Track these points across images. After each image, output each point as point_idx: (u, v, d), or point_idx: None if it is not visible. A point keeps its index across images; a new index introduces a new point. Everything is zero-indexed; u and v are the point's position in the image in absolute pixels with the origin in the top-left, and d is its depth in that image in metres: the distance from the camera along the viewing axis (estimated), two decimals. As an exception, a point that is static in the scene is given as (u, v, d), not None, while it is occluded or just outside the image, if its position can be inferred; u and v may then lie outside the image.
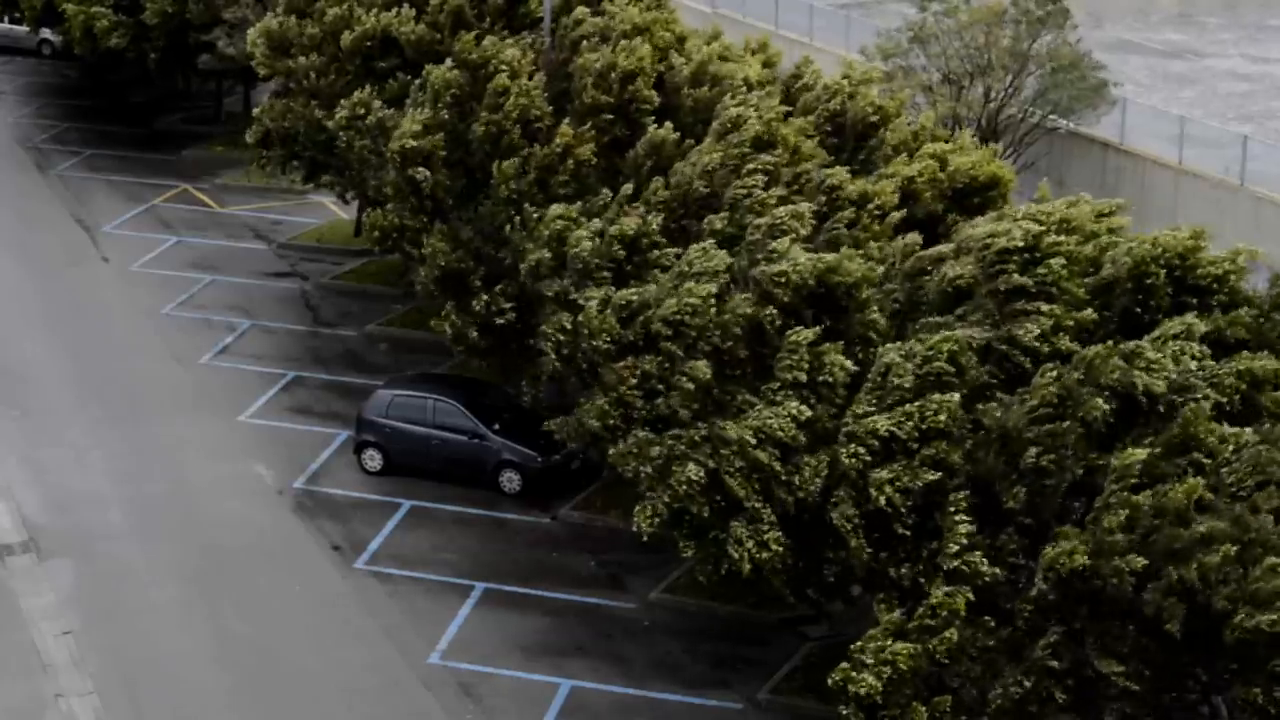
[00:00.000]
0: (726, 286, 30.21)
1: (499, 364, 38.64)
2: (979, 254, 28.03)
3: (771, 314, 29.33)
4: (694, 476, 29.39)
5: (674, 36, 38.94)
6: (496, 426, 39.07)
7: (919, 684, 25.60)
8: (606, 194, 34.94)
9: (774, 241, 30.18)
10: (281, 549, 37.04)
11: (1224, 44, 61.92)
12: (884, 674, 25.38)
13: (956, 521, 25.79)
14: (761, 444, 28.38)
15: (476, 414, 39.18)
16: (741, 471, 28.68)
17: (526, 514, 38.31)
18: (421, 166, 37.78)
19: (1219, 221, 41.23)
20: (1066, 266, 27.32)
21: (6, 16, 71.90)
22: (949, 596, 25.40)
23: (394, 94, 40.83)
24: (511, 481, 38.80)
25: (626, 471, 31.21)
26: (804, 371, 28.35)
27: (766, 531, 28.55)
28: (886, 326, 28.84)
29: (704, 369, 29.71)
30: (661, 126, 35.67)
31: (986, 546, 25.73)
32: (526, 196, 36.16)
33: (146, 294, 49.50)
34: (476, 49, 38.46)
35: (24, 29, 71.53)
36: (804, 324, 29.00)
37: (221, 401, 43.17)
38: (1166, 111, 49.74)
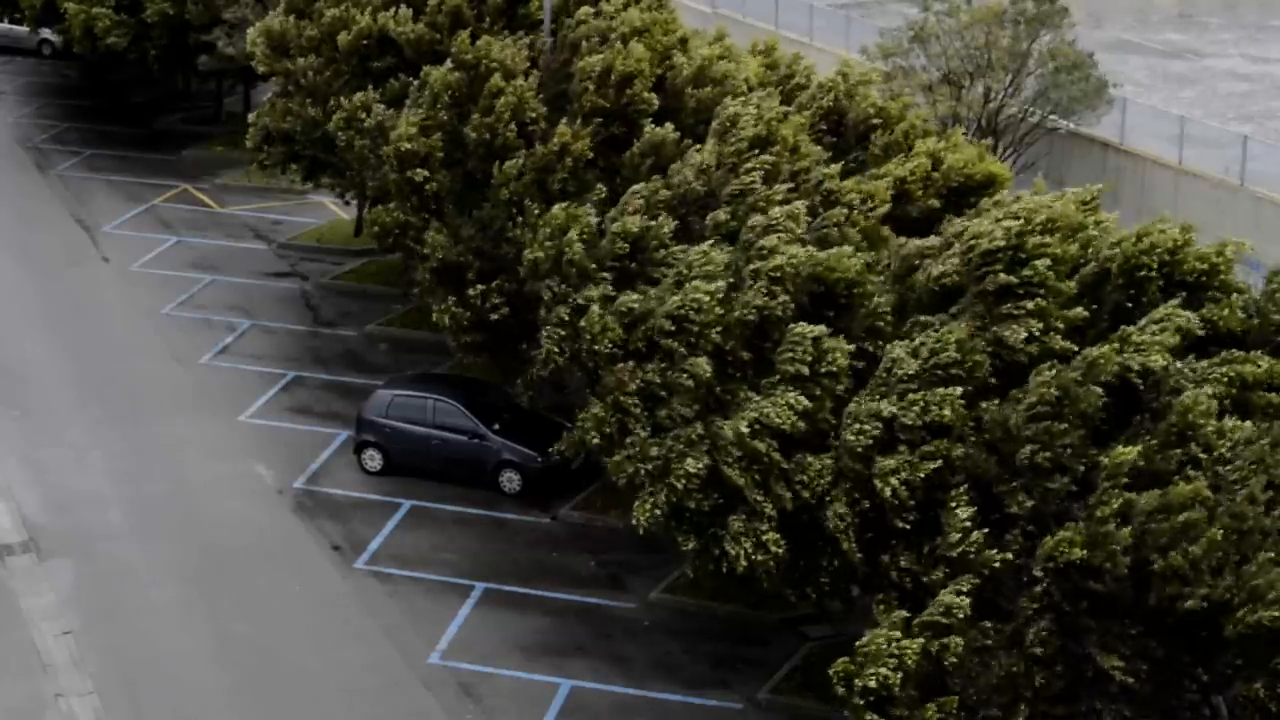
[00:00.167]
0: (730, 285, 30.22)
1: (495, 361, 38.65)
2: (963, 255, 28.01)
3: (784, 302, 29.30)
4: (692, 470, 29.43)
5: (676, 38, 38.96)
6: (496, 426, 39.07)
7: (925, 682, 25.57)
8: (602, 189, 35.01)
9: (763, 239, 30.24)
10: (281, 549, 37.04)
11: (1224, 44, 61.88)
12: (893, 665, 25.23)
13: (958, 512, 25.77)
14: (758, 435, 28.40)
15: (476, 414, 39.18)
16: (740, 463, 28.69)
17: (526, 514, 38.30)
18: (419, 168, 37.79)
19: (1219, 221, 41.23)
20: (1052, 267, 27.30)
21: (6, 16, 71.81)
22: (958, 595, 25.33)
23: (394, 94, 40.84)
24: (511, 481, 38.80)
25: (623, 479, 31.25)
26: (805, 364, 28.36)
27: (765, 532, 28.55)
28: (890, 323, 28.84)
29: (704, 365, 29.70)
30: (661, 127, 35.69)
31: (988, 537, 25.72)
32: (526, 195, 36.19)
33: (146, 294, 49.48)
34: (472, 49, 38.48)
35: (24, 29, 71.46)
36: (808, 319, 29.00)
37: (221, 401, 43.17)
38: (1166, 111, 49.71)
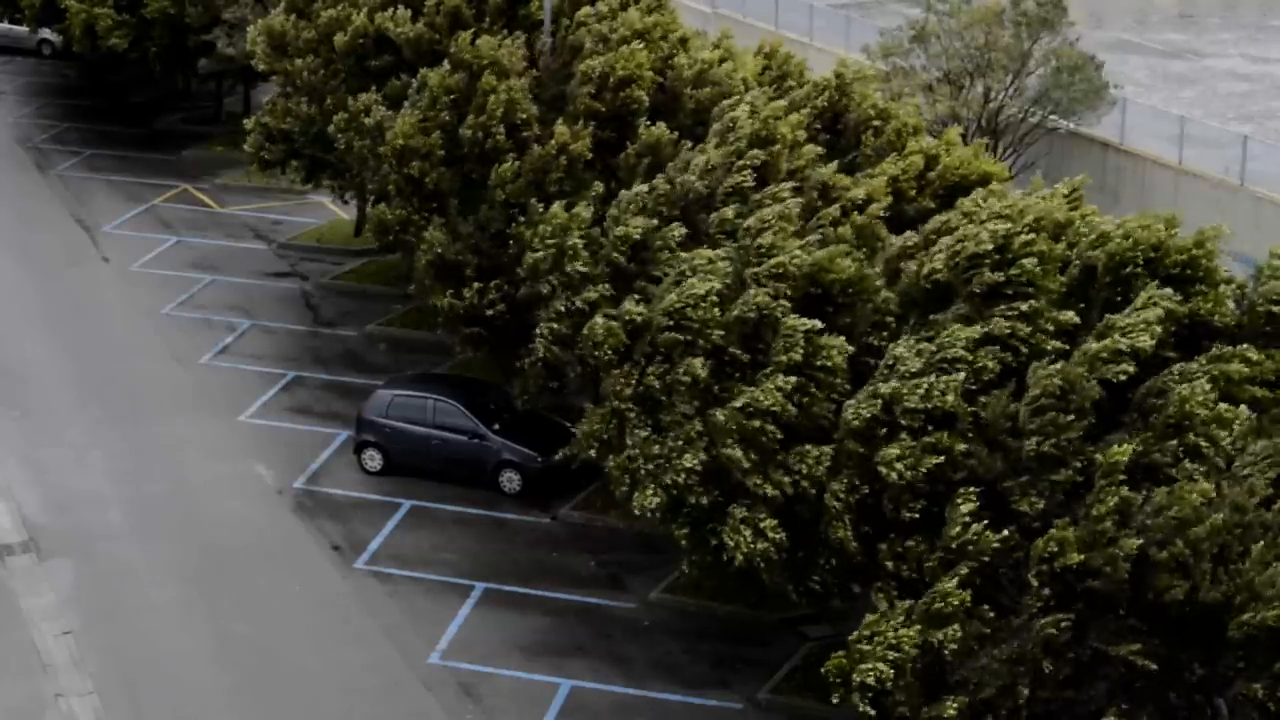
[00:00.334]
0: (730, 286, 30.24)
1: (495, 358, 38.64)
2: (949, 258, 27.99)
3: (785, 304, 29.33)
4: (690, 464, 29.46)
5: (676, 39, 38.96)
6: (496, 426, 39.06)
7: (924, 675, 25.48)
8: (599, 187, 35.05)
9: (759, 239, 30.25)
10: (281, 549, 37.03)
11: (1224, 44, 61.84)
12: (890, 658, 25.22)
13: (961, 507, 25.73)
14: (752, 416, 28.47)
15: (476, 414, 39.17)
16: (739, 445, 28.71)
17: (526, 514, 38.30)
18: (418, 163, 37.85)
19: (1219, 221, 41.09)
20: (1040, 266, 27.28)
21: (6, 16, 71.81)
22: (958, 586, 25.28)
23: (394, 94, 40.84)
24: (511, 481, 38.79)
25: (622, 486, 31.26)
26: (799, 353, 28.40)
27: (763, 520, 28.56)
28: (893, 323, 28.86)
29: (700, 365, 29.72)
30: (657, 127, 35.70)
31: (989, 529, 25.70)
32: (524, 197, 36.20)
33: (146, 294, 49.48)
34: (469, 49, 38.47)
35: (24, 29, 71.45)
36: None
37: (221, 401, 43.17)
38: (1166, 111, 49.68)
